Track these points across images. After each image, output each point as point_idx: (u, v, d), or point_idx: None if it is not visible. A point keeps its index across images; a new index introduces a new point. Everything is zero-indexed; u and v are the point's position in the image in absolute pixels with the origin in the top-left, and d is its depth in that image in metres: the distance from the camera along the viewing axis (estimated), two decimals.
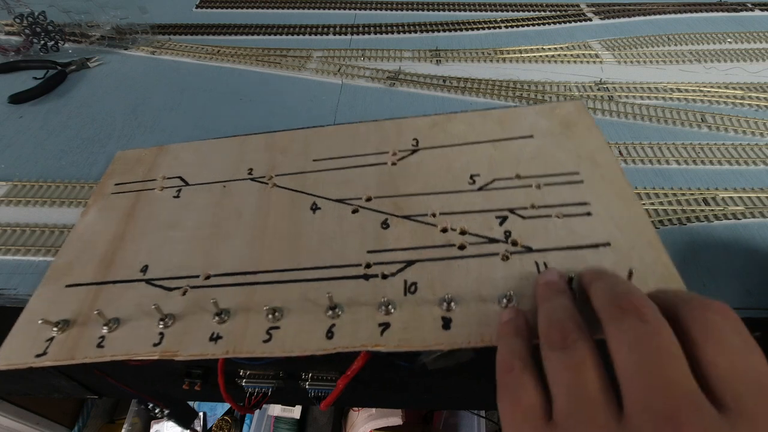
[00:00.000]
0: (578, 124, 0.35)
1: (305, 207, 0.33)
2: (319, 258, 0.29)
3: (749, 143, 0.45)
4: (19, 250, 0.37)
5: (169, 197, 0.35)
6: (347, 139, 0.37)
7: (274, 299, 0.27)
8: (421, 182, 0.33)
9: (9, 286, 0.34)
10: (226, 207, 0.34)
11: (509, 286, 0.26)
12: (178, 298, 0.28)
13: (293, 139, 0.38)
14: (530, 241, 0.28)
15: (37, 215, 0.40)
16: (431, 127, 0.37)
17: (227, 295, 0.28)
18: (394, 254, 0.29)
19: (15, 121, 0.51)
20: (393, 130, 0.37)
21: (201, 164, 0.38)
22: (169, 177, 0.37)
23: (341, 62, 0.59)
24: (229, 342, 0.26)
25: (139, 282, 0.30)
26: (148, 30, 0.65)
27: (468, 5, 0.73)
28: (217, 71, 0.59)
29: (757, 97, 0.51)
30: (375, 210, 0.32)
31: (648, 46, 0.61)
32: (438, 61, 0.59)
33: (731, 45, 0.61)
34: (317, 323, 0.26)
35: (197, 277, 0.29)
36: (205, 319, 0.27)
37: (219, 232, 0.32)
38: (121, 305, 0.29)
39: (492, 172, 0.33)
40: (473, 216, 0.30)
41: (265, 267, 0.29)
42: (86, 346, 0.27)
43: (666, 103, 0.51)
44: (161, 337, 0.27)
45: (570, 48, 0.61)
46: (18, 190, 0.42)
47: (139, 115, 0.51)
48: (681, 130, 0.48)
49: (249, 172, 0.36)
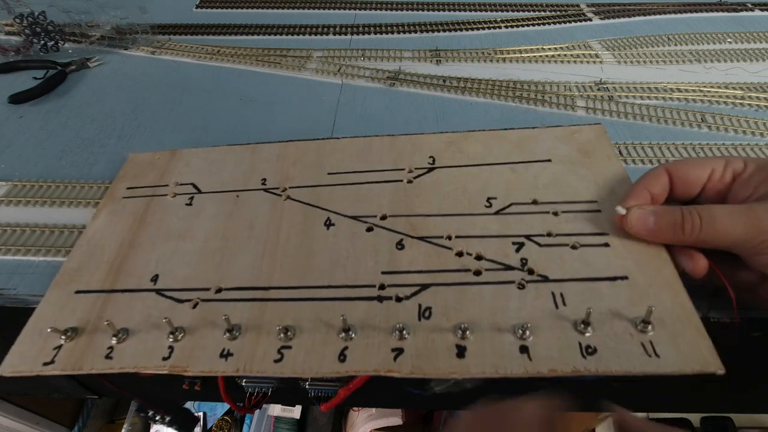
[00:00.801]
0: (597, 152, 0.34)
1: (319, 222, 0.32)
2: (333, 277, 0.29)
3: (749, 143, 0.45)
4: (19, 250, 0.37)
5: (181, 204, 0.35)
6: (361, 153, 0.37)
7: (285, 317, 0.27)
8: (436, 202, 0.33)
9: (9, 286, 0.34)
10: (238, 218, 0.33)
11: (524, 316, 0.26)
12: (189, 311, 0.28)
13: (306, 149, 0.38)
14: (547, 270, 0.28)
15: (37, 215, 0.40)
16: (447, 146, 0.36)
17: (238, 310, 0.28)
18: (409, 277, 0.29)
19: (15, 121, 0.51)
20: (408, 147, 0.37)
21: (213, 171, 0.37)
22: (182, 183, 0.37)
23: (341, 62, 0.59)
24: (240, 360, 0.26)
25: (149, 292, 0.30)
26: (148, 30, 0.65)
27: (468, 5, 0.73)
28: (217, 71, 0.59)
29: (757, 97, 0.51)
30: (390, 229, 0.31)
31: (648, 46, 0.61)
32: (438, 61, 0.59)
33: (731, 45, 0.61)
34: (329, 345, 0.26)
35: (208, 290, 0.29)
36: (216, 334, 0.27)
37: (230, 244, 0.32)
38: (131, 315, 0.28)
39: (509, 196, 0.32)
40: (489, 241, 0.30)
41: (277, 283, 0.29)
42: (94, 357, 0.27)
43: (666, 103, 0.51)
44: (170, 351, 0.26)
45: (570, 48, 0.61)
46: (18, 190, 0.42)
47: (139, 115, 0.51)
48: (681, 130, 0.48)
49: (263, 182, 0.36)
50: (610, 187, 0.32)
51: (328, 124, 0.49)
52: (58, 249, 0.36)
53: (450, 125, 0.49)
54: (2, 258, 0.37)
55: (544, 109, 0.51)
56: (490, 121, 0.49)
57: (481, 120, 0.49)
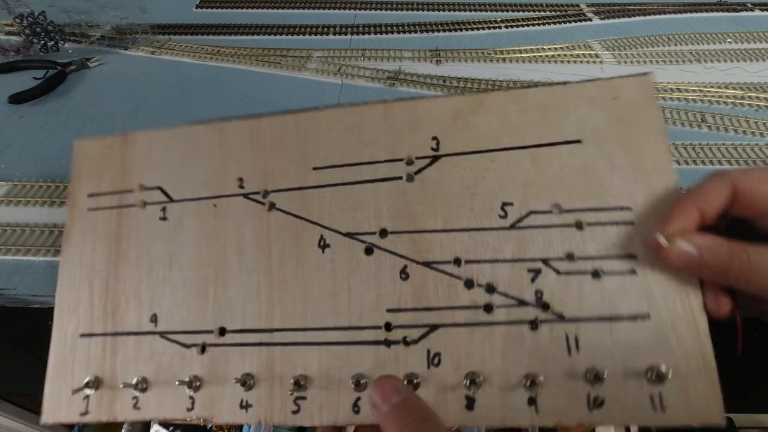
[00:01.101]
0: (641, 124, 0.27)
1: (312, 243, 0.29)
2: (336, 316, 0.27)
3: (749, 143, 0.45)
4: (19, 250, 0.37)
5: (155, 219, 0.32)
6: (351, 132, 0.31)
7: (296, 365, 0.27)
8: (442, 211, 0.28)
9: (9, 286, 0.34)
10: (223, 238, 0.30)
11: (535, 365, 0.24)
12: (198, 357, 0.28)
13: (284, 129, 0.32)
14: (563, 305, 0.25)
15: (37, 215, 0.40)
16: (454, 119, 0.30)
17: (247, 356, 0.28)
18: (416, 315, 0.27)
19: (15, 121, 0.51)
20: (406, 120, 0.30)
21: (179, 167, 0.32)
22: (148, 187, 0.32)
23: (341, 62, 0.59)
24: (260, 411, 0.26)
25: (153, 335, 0.29)
26: (148, 30, 0.65)
27: (468, 5, 0.73)
28: (217, 71, 0.59)
29: (757, 97, 0.51)
30: (391, 252, 0.28)
31: (648, 46, 0.61)
32: (438, 61, 0.59)
33: (731, 45, 0.61)
34: (343, 395, 0.26)
35: (211, 333, 0.29)
36: (230, 382, 0.27)
37: (221, 272, 0.30)
38: (142, 362, 0.29)
39: (527, 199, 0.27)
40: (502, 267, 0.26)
41: (280, 324, 0.28)
42: (124, 407, 0.28)
43: (666, 103, 0.51)
44: (192, 401, 0.27)
45: (570, 48, 0.61)
46: (18, 190, 0.42)
47: (139, 115, 0.51)
48: (681, 130, 0.48)
49: (240, 183, 0.31)
50: (650, 184, 0.26)
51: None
52: (58, 249, 0.37)
53: None
54: (2, 258, 0.37)
55: None
56: None
57: None
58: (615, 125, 0.27)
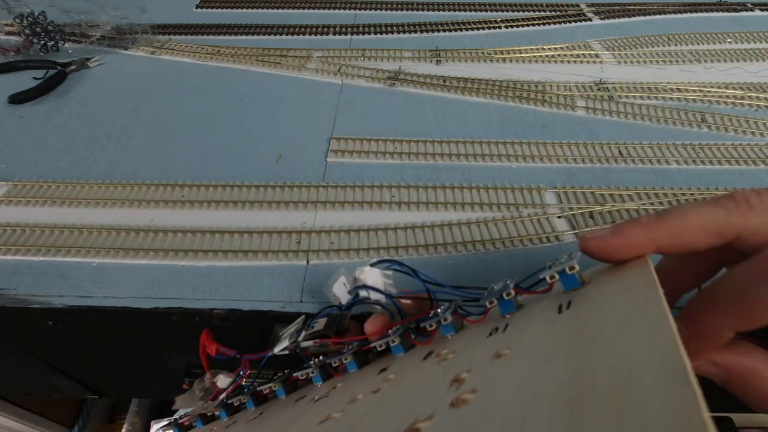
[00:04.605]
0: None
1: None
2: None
3: (749, 143, 0.45)
4: (19, 250, 0.37)
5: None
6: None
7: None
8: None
9: (9, 286, 0.34)
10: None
11: None
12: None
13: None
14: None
15: (37, 215, 0.40)
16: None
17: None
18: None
19: (15, 121, 0.51)
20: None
21: None
22: None
23: (341, 62, 0.59)
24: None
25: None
26: (148, 30, 0.65)
27: (468, 5, 0.73)
28: (217, 71, 0.59)
29: (757, 97, 0.51)
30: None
31: (648, 46, 0.61)
32: (438, 61, 0.59)
33: (731, 45, 0.61)
34: None
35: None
36: None
37: None
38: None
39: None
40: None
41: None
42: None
43: (666, 103, 0.51)
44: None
45: (570, 48, 0.61)
46: (18, 190, 0.42)
47: (139, 115, 0.51)
48: (681, 130, 0.48)
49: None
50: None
51: (328, 124, 0.49)
52: (58, 249, 0.37)
53: (450, 125, 0.49)
54: (2, 258, 0.37)
55: (544, 109, 0.51)
56: (490, 121, 0.49)
57: (481, 120, 0.49)
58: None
